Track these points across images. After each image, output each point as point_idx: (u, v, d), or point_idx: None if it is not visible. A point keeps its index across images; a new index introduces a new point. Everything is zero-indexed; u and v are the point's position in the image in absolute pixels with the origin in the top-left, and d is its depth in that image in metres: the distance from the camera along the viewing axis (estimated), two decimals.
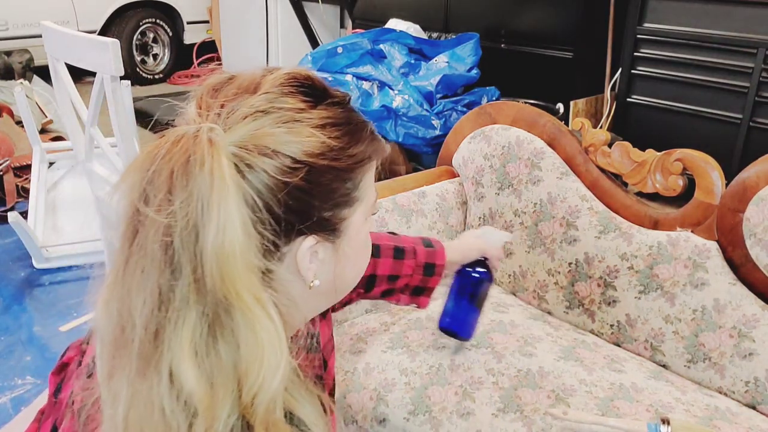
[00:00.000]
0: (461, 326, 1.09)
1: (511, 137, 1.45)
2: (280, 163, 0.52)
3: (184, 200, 0.48)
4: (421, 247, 1.03)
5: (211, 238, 0.48)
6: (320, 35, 4.28)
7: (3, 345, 1.95)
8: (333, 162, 0.55)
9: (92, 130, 1.75)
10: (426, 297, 1.06)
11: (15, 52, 4.20)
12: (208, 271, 0.48)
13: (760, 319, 1.12)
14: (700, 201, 1.22)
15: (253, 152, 0.51)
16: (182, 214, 0.48)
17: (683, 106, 2.59)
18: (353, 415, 1.14)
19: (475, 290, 1.07)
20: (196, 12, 5.24)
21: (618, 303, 1.29)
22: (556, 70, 3.01)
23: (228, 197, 0.48)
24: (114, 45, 1.52)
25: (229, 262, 0.48)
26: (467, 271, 1.07)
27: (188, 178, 0.48)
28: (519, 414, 1.05)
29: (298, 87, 0.56)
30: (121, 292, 0.50)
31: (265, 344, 0.49)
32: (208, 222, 0.48)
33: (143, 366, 0.48)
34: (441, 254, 1.04)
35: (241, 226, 0.49)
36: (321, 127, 0.55)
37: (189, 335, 0.48)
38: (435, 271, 1.03)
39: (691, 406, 1.08)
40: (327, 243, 0.58)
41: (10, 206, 2.75)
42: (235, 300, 0.49)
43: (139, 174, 0.50)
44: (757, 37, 2.33)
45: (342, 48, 2.84)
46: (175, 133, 0.51)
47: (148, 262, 0.48)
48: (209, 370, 0.48)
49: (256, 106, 0.53)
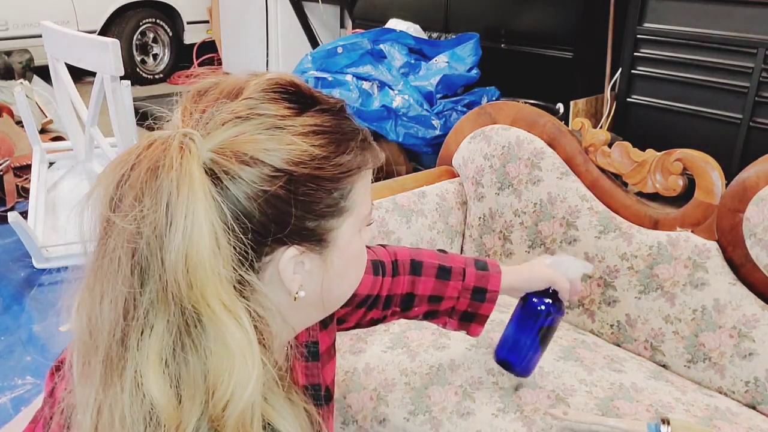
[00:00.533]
0: (520, 361, 0.99)
1: (511, 137, 1.45)
2: (258, 170, 0.50)
3: (150, 206, 0.47)
4: (472, 268, 0.95)
5: (177, 246, 0.47)
6: (320, 35, 4.28)
7: (3, 345, 1.95)
8: (316, 171, 0.53)
9: (92, 130, 1.76)
10: (478, 325, 0.97)
11: (15, 52, 4.20)
12: (175, 279, 0.47)
13: (760, 319, 1.12)
14: (700, 201, 1.22)
15: (231, 159, 0.50)
16: (148, 220, 0.47)
17: (683, 106, 2.59)
18: (353, 415, 1.14)
19: (538, 323, 0.97)
20: (196, 12, 5.24)
21: (618, 303, 1.29)
22: (556, 70, 3.01)
23: (196, 204, 0.47)
24: (114, 45, 1.52)
25: (197, 271, 0.47)
26: (534, 301, 0.97)
27: (155, 184, 0.47)
28: (519, 414, 1.05)
29: (282, 93, 0.54)
30: (90, 298, 0.49)
31: (236, 355, 0.48)
32: (173, 229, 0.47)
33: (108, 373, 0.48)
34: (495, 279, 0.95)
35: (209, 234, 0.48)
36: (303, 135, 0.53)
37: (156, 344, 0.47)
38: (486, 297, 0.95)
39: (691, 406, 1.08)
40: (313, 254, 0.56)
41: (10, 206, 2.75)
42: (204, 309, 0.48)
43: (109, 179, 0.49)
44: (757, 37, 2.33)
45: (342, 48, 2.84)
46: (149, 137, 0.50)
47: (114, 268, 0.48)
48: (177, 379, 0.48)
49: (236, 112, 0.52)
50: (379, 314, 0.93)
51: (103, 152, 1.78)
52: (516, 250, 1.45)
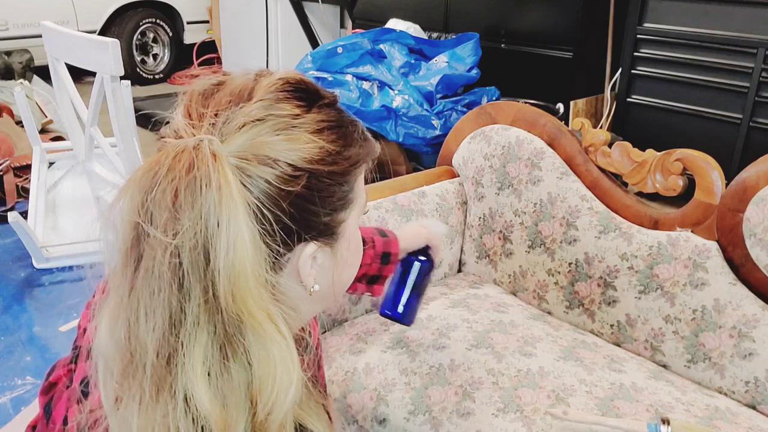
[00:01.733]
0: (405, 312, 1.09)
1: (511, 137, 1.45)
2: (280, 171, 0.51)
3: (192, 219, 0.47)
4: (378, 237, 1.04)
5: (223, 257, 0.47)
6: (320, 35, 4.28)
7: (3, 345, 1.95)
8: (332, 166, 0.54)
9: (92, 130, 1.76)
10: (380, 285, 1.08)
11: (15, 52, 4.20)
12: (220, 290, 0.47)
13: (760, 319, 1.12)
14: (700, 201, 1.22)
15: (253, 162, 0.50)
16: (190, 234, 0.46)
17: (683, 106, 2.59)
18: (353, 415, 1.14)
19: (419, 278, 1.08)
20: (196, 12, 5.24)
21: (618, 303, 1.29)
22: (556, 70, 3.01)
23: (237, 213, 0.47)
24: (114, 45, 1.52)
25: (240, 279, 0.47)
26: (411, 259, 1.08)
27: (194, 197, 0.47)
28: (519, 414, 1.05)
29: (292, 92, 0.55)
30: (128, 317, 0.48)
31: (278, 361, 0.49)
32: (217, 241, 0.47)
33: (156, 391, 0.47)
34: (395, 243, 1.06)
35: (251, 241, 0.48)
36: (318, 132, 0.54)
37: (201, 357, 0.47)
38: (390, 259, 1.05)
39: (691, 406, 1.08)
40: (326, 247, 0.57)
41: (10, 206, 2.75)
42: (246, 318, 0.48)
43: (139, 192, 0.48)
44: (757, 37, 2.33)
45: (342, 48, 2.84)
46: (175, 147, 0.49)
47: (156, 285, 0.47)
48: (222, 390, 0.48)
49: (252, 115, 0.52)
50: None
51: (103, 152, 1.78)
52: (516, 250, 1.45)
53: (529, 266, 1.42)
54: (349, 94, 2.68)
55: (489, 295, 1.41)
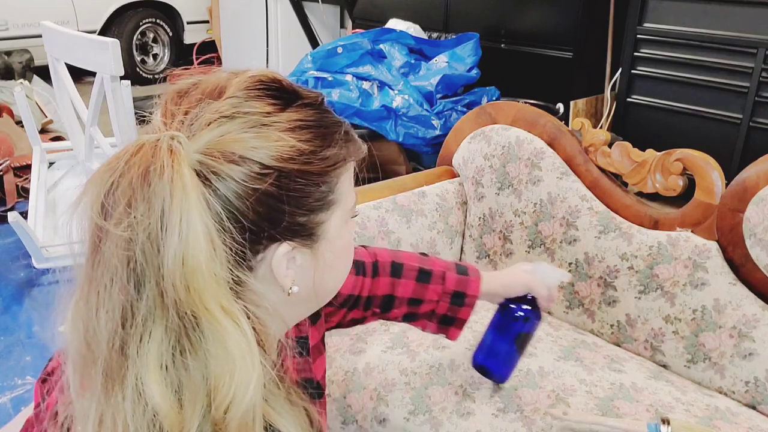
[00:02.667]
0: (497, 366, 1.01)
1: (511, 137, 1.45)
2: (248, 169, 0.50)
3: (144, 212, 0.46)
4: (453, 273, 0.96)
5: (173, 251, 0.46)
6: (320, 35, 4.28)
7: (3, 345, 1.95)
8: (304, 166, 0.53)
9: (92, 130, 1.75)
10: (456, 329, 0.98)
11: (15, 52, 4.20)
12: (172, 284, 0.47)
13: (760, 319, 1.12)
14: (700, 201, 1.22)
15: (219, 159, 0.50)
16: (142, 227, 0.46)
17: (683, 106, 2.59)
18: (353, 415, 1.14)
19: (519, 330, 0.98)
20: (196, 12, 5.24)
21: (618, 303, 1.29)
22: (556, 70, 3.01)
23: (190, 207, 0.47)
24: (114, 45, 1.52)
25: (195, 274, 0.47)
26: (511, 307, 0.97)
27: (147, 189, 0.47)
28: (519, 414, 1.05)
29: (265, 90, 0.54)
30: (86, 309, 0.49)
31: (236, 358, 0.48)
32: (169, 234, 0.46)
33: (109, 383, 0.48)
34: (475, 284, 0.96)
35: (204, 236, 0.48)
36: (290, 131, 0.53)
37: (155, 350, 0.47)
38: (465, 301, 0.95)
39: (691, 406, 1.08)
40: (304, 248, 0.56)
41: (10, 206, 2.75)
42: (202, 313, 0.47)
43: (98, 187, 0.48)
44: (757, 37, 2.33)
45: (342, 48, 2.84)
46: (136, 142, 0.49)
47: (109, 277, 0.47)
48: (177, 385, 0.47)
49: (220, 112, 0.51)
50: (359, 315, 0.94)
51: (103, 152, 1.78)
52: (516, 250, 1.45)
53: None
54: (349, 94, 2.68)
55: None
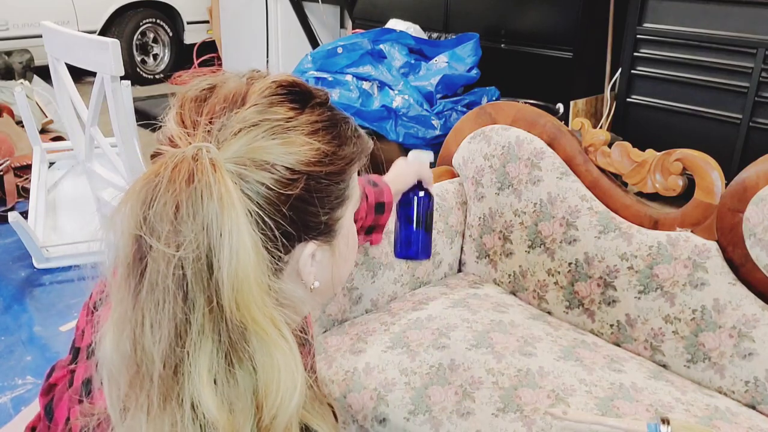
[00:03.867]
0: (417, 249, 1.10)
1: (511, 137, 1.45)
2: (279, 175, 0.51)
3: (195, 231, 0.47)
4: (369, 187, 1.04)
5: (226, 267, 0.47)
6: (320, 35, 4.28)
7: (3, 345, 1.95)
8: (328, 167, 0.55)
9: (92, 130, 1.75)
10: (378, 234, 1.10)
11: (15, 52, 4.19)
12: (224, 299, 0.47)
13: (760, 319, 1.12)
14: (700, 201, 1.22)
15: (251, 167, 0.50)
16: (193, 246, 0.47)
17: (683, 106, 2.59)
18: (353, 415, 1.14)
19: (421, 213, 1.08)
20: (196, 12, 5.24)
21: (618, 303, 1.29)
22: (556, 70, 3.01)
23: (239, 222, 0.47)
24: (114, 45, 1.52)
25: (244, 287, 0.47)
26: (410, 195, 1.08)
27: (196, 208, 0.47)
28: (519, 414, 1.05)
29: (285, 95, 0.55)
30: (133, 329, 0.48)
31: (282, 366, 0.49)
32: (220, 251, 0.47)
33: (164, 401, 0.48)
34: (388, 192, 1.06)
35: (253, 248, 0.48)
36: (313, 134, 0.54)
37: (206, 365, 0.47)
38: (385, 208, 1.06)
39: (691, 406, 1.08)
40: (325, 245, 0.58)
41: (10, 206, 2.75)
42: (250, 325, 0.48)
43: (139, 204, 0.48)
44: (757, 37, 2.33)
45: (342, 48, 2.84)
46: (173, 157, 0.49)
47: (161, 296, 0.47)
48: (228, 397, 0.48)
49: (247, 120, 0.52)
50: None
51: (103, 152, 1.78)
52: (516, 250, 1.45)
53: (529, 266, 1.42)
54: (349, 94, 2.68)
55: (489, 295, 1.41)
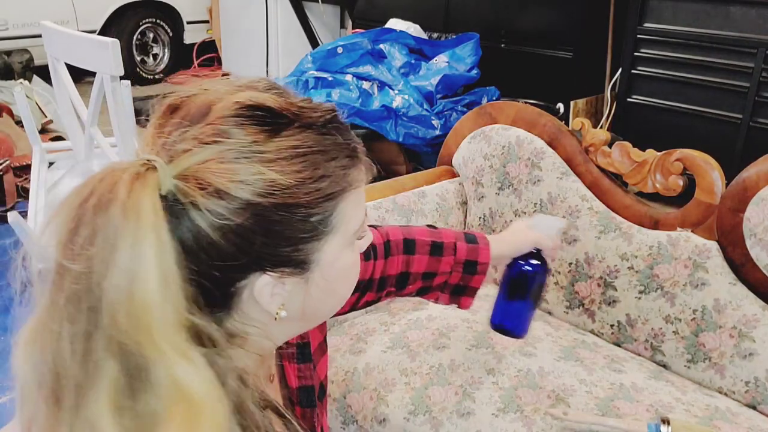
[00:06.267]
0: (514, 324, 1.02)
1: (511, 137, 1.45)
2: (224, 203, 0.47)
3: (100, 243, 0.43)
4: (463, 242, 0.95)
5: (119, 287, 0.43)
6: (320, 35, 4.28)
7: (3, 345, 1.95)
8: (288, 199, 0.49)
9: (92, 130, 1.75)
10: (468, 297, 0.97)
11: (15, 52, 4.19)
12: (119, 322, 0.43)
13: (760, 319, 1.12)
14: (700, 201, 1.22)
15: (194, 188, 0.46)
16: (98, 259, 0.43)
17: (683, 106, 2.59)
18: (353, 415, 1.14)
19: (529, 285, 0.99)
20: (196, 12, 5.24)
21: (618, 303, 1.29)
22: (556, 70, 3.01)
23: (143, 241, 0.44)
24: (114, 45, 1.52)
25: (144, 312, 0.43)
26: (519, 264, 0.99)
27: (103, 219, 0.44)
28: (519, 414, 1.05)
29: (250, 117, 0.50)
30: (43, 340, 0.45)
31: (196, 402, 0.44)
32: (116, 268, 0.43)
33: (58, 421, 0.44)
34: (485, 252, 0.95)
35: (158, 274, 0.44)
36: (272, 162, 0.49)
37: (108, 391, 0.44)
38: (477, 269, 0.95)
39: (691, 406, 1.08)
40: (293, 277, 0.53)
41: (10, 206, 2.75)
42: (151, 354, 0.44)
43: (66, 214, 0.45)
44: (757, 37, 2.33)
45: (342, 48, 2.84)
46: (107, 167, 0.47)
47: (71, 308, 0.44)
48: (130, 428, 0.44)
49: (199, 138, 0.48)
50: (373, 296, 0.92)
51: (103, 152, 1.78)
52: None
53: None
54: (349, 94, 2.68)
55: (489, 295, 1.41)
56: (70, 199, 0.46)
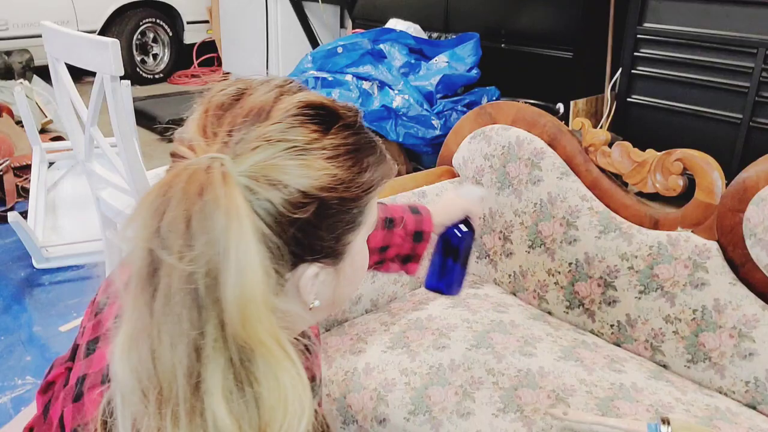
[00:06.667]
0: (450, 284, 1.09)
1: (511, 137, 1.45)
2: (290, 197, 0.50)
3: (204, 245, 0.46)
4: (410, 214, 1.04)
5: (231, 284, 0.46)
6: (320, 35, 4.28)
7: (3, 345, 1.95)
8: (343, 193, 0.54)
9: (92, 130, 1.75)
10: (414, 263, 1.06)
11: (15, 52, 4.19)
12: (230, 318, 0.46)
13: (760, 319, 1.12)
14: (700, 201, 1.22)
15: (263, 184, 0.49)
16: (203, 260, 0.46)
17: (683, 106, 2.60)
18: (353, 415, 1.14)
19: (460, 249, 1.07)
20: (196, 12, 5.24)
21: (618, 303, 1.29)
22: (556, 70, 3.01)
23: (246, 237, 0.46)
24: (114, 45, 1.52)
25: (250, 306, 0.46)
26: (452, 231, 1.07)
27: (205, 222, 0.46)
28: (519, 414, 1.05)
29: (311, 116, 0.53)
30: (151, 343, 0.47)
31: (289, 390, 0.48)
32: (226, 267, 0.46)
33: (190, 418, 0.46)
34: (428, 221, 1.05)
35: (260, 266, 0.47)
36: (332, 158, 0.53)
37: (220, 382, 0.46)
38: (423, 237, 1.04)
39: (691, 406, 1.08)
40: (329, 267, 0.57)
41: (10, 206, 2.75)
42: (256, 346, 0.47)
43: (152, 214, 0.47)
44: (757, 37, 2.33)
45: (342, 48, 2.84)
46: (187, 168, 0.48)
47: (177, 311, 0.46)
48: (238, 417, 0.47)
49: (267, 136, 0.51)
50: None
51: (103, 152, 1.78)
52: (516, 250, 1.45)
53: (529, 266, 1.42)
54: (349, 94, 2.68)
55: (489, 295, 1.41)
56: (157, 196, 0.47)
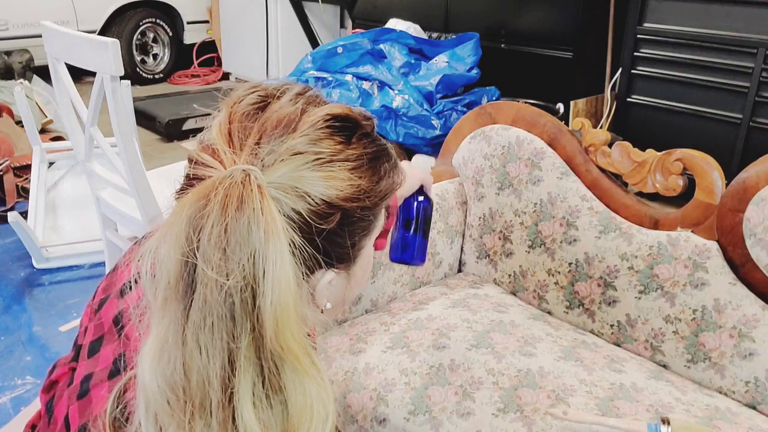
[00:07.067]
0: (413, 255, 1.10)
1: (511, 137, 1.45)
2: (316, 207, 0.52)
3: (243, 259, 0.46)
4: None
5: (269, 296, 0.47)
6: (320, 35, 4.29)
7: (3, 345, 1.95)
8: (363, 202, 0.55)
9: (92, 130, 1.75)
10: (382, 239, 1.08)
11: (15, 52, 4.20)
12: (265, 328, 0.47)
13: (760, 319, 1.12)
14: (700, 201, 1.22)
15: (291, 195, 0.51)
16: (240, 272, 0.46)
17: (683, 106, 2.60)
18: (353, 415, 1.14)
19: (420, 218, 1.09)
20: (196, 12, 5.24)
21: (618, 303, 1.29)
22: (556, 70, 3.01)
23: (283, 251, 0.48)
24: (114, 45, 1.52)
25: (284, 317, 0.47)
26: (410, 201, 1.08)
27: (244, 236, 0.47)
28: (519, 414, 1.05)
29: (337, 128, 0.55)
30: (183, 354, 0.47)
31: (314, 397, 0.49)
32: (264, 280, 0.47)
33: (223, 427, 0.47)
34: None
35: (294, 278, 0.48)
36: (355, 169, 0.55)
37: (249, 392, 0.47)
38: (389, 211, 1.06)
39: (691, 406, 1.08)
40: (343, 272, 0.59)
41: (10, 206, 2.75)
42: (286, 354, 0.48)
43: (189, 228, 0.47)
44: (757, 37, 2.33)
45: (342, 48, 2.84)
46: (223, 180, 0.49)
47: (212, 322, 0.47)
48: (266, 425, 0.48)
49: (295, 149, 0.52)
50: None
51: (103, 152, 1.78)
52: (516, 250, 1.45)
53: (529, 266, 1.42)
54: (349, 94, 2.68)
55: (489, 295, 1.41)
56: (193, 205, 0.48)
